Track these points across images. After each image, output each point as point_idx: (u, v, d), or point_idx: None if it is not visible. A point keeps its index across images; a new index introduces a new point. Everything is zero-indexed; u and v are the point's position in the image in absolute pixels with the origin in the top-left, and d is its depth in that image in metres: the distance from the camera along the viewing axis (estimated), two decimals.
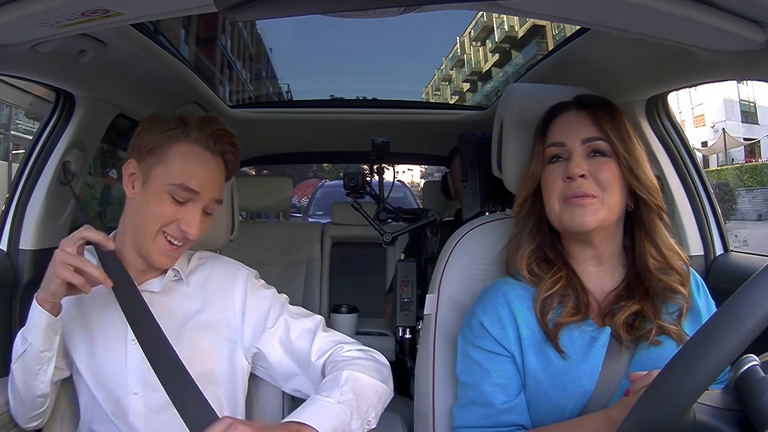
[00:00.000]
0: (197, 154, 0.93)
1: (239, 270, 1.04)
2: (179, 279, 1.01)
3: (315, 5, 0.77)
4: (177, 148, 0.92)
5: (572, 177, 0.84)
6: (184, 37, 2.94)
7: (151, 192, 0.92)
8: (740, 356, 0.55)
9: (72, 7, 0.75)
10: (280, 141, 2.55)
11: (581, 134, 0.86)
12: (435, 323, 1.01)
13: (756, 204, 11.61)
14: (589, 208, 0.84)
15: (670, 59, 1.04)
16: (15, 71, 1.08)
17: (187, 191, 0.91)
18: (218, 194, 0.96)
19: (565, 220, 0.85)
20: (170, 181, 0.91)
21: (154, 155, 0.92)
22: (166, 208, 0.91)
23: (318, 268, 2.46)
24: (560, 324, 0.83)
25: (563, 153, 0.87)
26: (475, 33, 9.56)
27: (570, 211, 0.84)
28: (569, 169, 0.85)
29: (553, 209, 0.87)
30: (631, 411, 0.56)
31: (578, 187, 0.84)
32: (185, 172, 0.91)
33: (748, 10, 0.75)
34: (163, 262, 0.95)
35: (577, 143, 0.86)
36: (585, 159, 0.86)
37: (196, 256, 1.06)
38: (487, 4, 0.77)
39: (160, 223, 0.92)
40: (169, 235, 0.92)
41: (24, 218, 1.30)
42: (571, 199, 0.84)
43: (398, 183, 6.58)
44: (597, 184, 0.84)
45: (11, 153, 6.92)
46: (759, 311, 0.50)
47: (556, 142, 0.88)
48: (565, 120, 0.89)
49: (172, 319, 0.97)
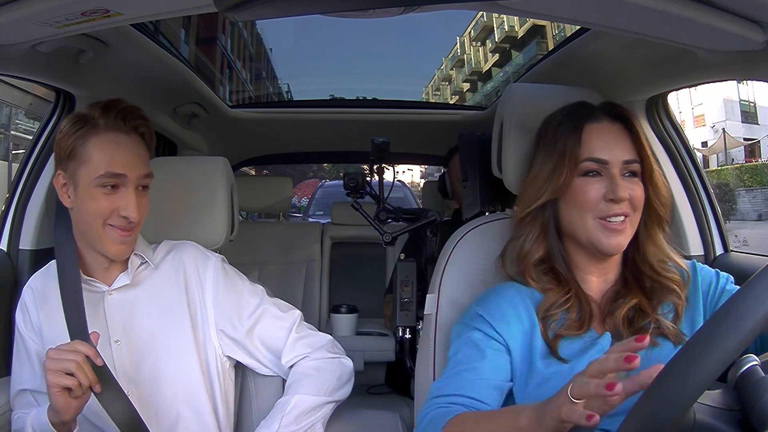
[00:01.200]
0: (111, 140, 0.94)
1: (209, 257, 1.06)
2: (147, 265, 1.02)
3: (315, 5, 0.77)
4: (92, 143, 0.93)
5: (617, 200, 0.83)
6: (184, 37, 2.93)
7: (82, 194, 0.94)
8: (740, 356, 0.56)
9: (72, 7, 0.75)
10: (280, 141, 2.55)
11: (623, 154, 0.85)
12: (435, 323, 1.01)
13: (756, 204, 11.60)
14: (624, 232, 0.84)
15: (670, 59, 1.04)
16: (15, 71, 1.08)
17: (113, 177, 0.93)
18: (145, 169, 0.97)
19: (598, 241, 0.84)
20: (95, 174, 0.93)
21: (74, 158, 0.94)
22: (100, 203, 0.93)
23: (318, 268, 2.46)
24: (560, 336, 0.83)
25: (602, 170, 0.85)
26: (475, 33, 9.56)
27: (606, 234, 0.84)
28: (616, 192, 0.83)
29: (585, 225, 0.85)
30: (632, 411, 0.56)
31: (620, 209, 0.83)
32: (106, 160, 0.93)
33: (748, 10, 0.75)
34: (122, 251, 0.96)
35: (619, 163, 0.85)
36: (623, 178, 0.85)
37: (165, 242, 1.07)
38: (487, 4, 0.77)
39: (102, 219, 0.93)
40: (115, 226, 0.94)
41: (24, 218, 1.30)
42: (610, 223, 0.83)
43: (398, 183, 6.58)
44: (631, 204, 0.84)
45: (11, 153, 6.92)
46: (759, 311, 0.50)
47: (596, 157, 0.85)
48: (602, 132, 0.86)
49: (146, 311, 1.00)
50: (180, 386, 0.99)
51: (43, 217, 1.31)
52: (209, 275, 1.03)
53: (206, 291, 1.02)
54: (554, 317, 0.84)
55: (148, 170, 0.98)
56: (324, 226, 2.60)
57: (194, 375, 1.00)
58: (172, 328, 1.00)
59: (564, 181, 0.86)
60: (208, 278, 1.03)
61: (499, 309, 0.86)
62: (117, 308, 1.00)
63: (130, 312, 1.00)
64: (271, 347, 1.04)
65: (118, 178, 0.93)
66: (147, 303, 1.01)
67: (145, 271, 1.03)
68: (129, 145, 0.96)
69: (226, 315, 1.02)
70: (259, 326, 1.03)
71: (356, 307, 2.10)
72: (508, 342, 0.84)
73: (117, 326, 0.99)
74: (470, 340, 0.85)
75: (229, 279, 1.05)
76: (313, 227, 2.63)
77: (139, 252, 1.01)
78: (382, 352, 2.04)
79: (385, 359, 2.07)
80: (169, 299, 1.01)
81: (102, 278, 1.00)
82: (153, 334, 0.99)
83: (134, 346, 0.98)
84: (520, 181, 0.99)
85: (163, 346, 0.99)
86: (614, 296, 0.87)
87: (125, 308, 1.00)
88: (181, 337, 1.00)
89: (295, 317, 1.06)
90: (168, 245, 1.07)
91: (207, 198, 1.16)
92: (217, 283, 1.03)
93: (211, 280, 1.03)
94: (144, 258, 1.02)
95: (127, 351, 0.98)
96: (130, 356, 0.98)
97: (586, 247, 0.87)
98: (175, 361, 0.99)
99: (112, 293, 1.00)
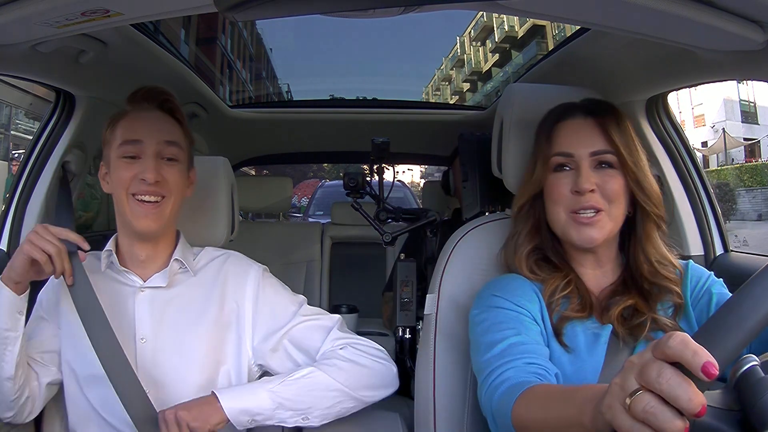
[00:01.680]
0: (134, 117, 0.99)
1: (251, 266, 1.06)
2: (185, 270, 1.02)
3: (315, 5, 0.77)
4: (118, 125, 0.99)
5: (581, 192, 0.83)
6: (184, 37, 2.94)
7: (111, 169, 0.98)
8: (740, 356, 0.55)
9: (72, 7, 0.75)
10: (280, 141, 2.55)
11: (590, 145, 0.85)
12: (435, 323, 1.01)
13: (756, 204, 11.60)
14: (596, 225, 0.84)
15: (670, 59, 1.04)
16: (15, 71, 1.08)
17: (130, 144, 0.96)
18: (167, 136, 0.98)
19: (570, 235, 0.85)
20: (116, 146, 0.96)
21: (107, 143, 1.00)
22: (121, 173, 0.96)
23: (318, 268, 2.46)
24: (566, 318, 0.84)
25: (570, 163, 0.86)
26: (475, 33, 9.55)
27: (577, 228, 0.84)
28: (578, 183, 0.84)
29: (558, 219, 0.86)
30: None
31: (587, 201, 0.83)
32: (125, 131, 0.97)
33: (748, 10, 0.75)
34: (149, 226, 0.96)
35: (586, 155, 0.85)
36: (592, 170, 0.85)
37: (208, 249, 1.07)
38: (487, 4, 0.77)
39: (124, 188, 0.95)
40: (137, 194, 0.95)
41: (24, 218, 1.30)
42: (579, 216, 0.84)
43: (398, 183, 6.58)
44: (604, 196, 0.84)
45: (11, 153, 6.92)
46: (759, 311, 0.50)
47: (562, 152, 0.87)
48: (573, 127, 0.88)
49: (178, 314, 0.99)
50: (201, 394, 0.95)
51: (43, 217, 1.31)
52: (250, 283, 1.03)
53: (246, 299, 1.01)
54: (557, 303, 0.85)
55: (170, 137, 0.98)
56: (324, 226, 2.60)
57: (219, 383, 0.98)
58: (202, 335, 0.98)
59: (539, 178, 0.89)
60: (248, 287, 1.02)
61: (513, 290, 0.86)
62: (147, 306, 0.99)
63: (160, 312, 0.99)
64: (309, 349, 1.00)
65: (135, 145, 0.96)
66: (179, 307, 0.99)
67: (182, 275, 1.02)
68: (149, 117, 0.99)
69: (264, 322, 1.01)
70: (297, 330, 1.01)
71: (356, 307, 2.10)
72: (534, 315, 0.84)
73: (145, 324, 0.98)
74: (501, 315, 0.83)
75: (270, 287, 1.05)
76: (313, 227, 2.63)
77: (179, 257, 1.01)
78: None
79: None
80: (202, 306, 1.00)
81: (138, 272, 1.00)
82: (181, 340, 0.98)
83: (159, 347, 0.97)
84: (519, 181, 0.99)
85: (189, 353, 0.97)
86: (611, 294, 0.88)
87: (156, 308, 0.99)
88: (209, 346, 0.98)
89: (335, 320, 1.04)
90: (211, 253, 1.07)
91: (207, 198, 1.16)
92: (257, 292, 1.02)
93: (252, 288, 1.02)
94: (183, 264, 1.02)
95: (151, 351, 0.97)
96: (153, 356, 0.97)
97: (572, 245, 0.88)
98: (198, 369, 0.97)
99: (144, 290, 1.00)
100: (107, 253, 1.00)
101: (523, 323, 0.82)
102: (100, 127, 1.45)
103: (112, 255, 1.00)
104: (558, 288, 0.86)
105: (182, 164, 1.00)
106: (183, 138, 1.01)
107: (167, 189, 0.96)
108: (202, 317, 0.99)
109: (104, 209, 1.89)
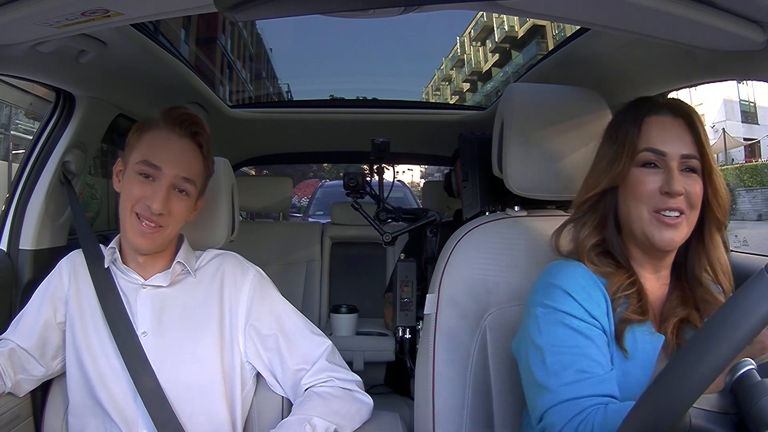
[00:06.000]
0: (163, 136, 1.00)
1: (249, 267, 1.08)
2: (187, 273, 1.05)
3: (315, 5, 0.77)
4: (146, 135, 1.00)
5: (672, 194, 0.82)
6: (184, 37, 2.94)
7: (126, 177, 1.00)
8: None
9: (72, 7, 0.75)
10: (280, 141, 2.55)
11: (682, 148, 0.84)
12: (435, 323, 1.01)
13: (756, 204, 11.59)
14: (678, 228, 0.83)
15: (670, 59, 1.04)
16: (15, 71, 1.08)
17: (150, 166, 0.97)
18: (185, 172, 0.99)
19: (651, 234, 0.83)
20: (137, 160, 0.98)
21: (130, 147, 1.01)
22: (134, 187, 0.98)
23: (318, 268, 2.46)
24: (627, 320, 0.82)
25: (659, 162, 0.84)
26: (475, 33, 9.55)
27: (659, 228, 0.83)
28: (671, 185, 0.82)
29: (640, 217, 0.84)
30: (627, 416, 0.56)
31: (675, 203, 0.82)
32: (149, 149, 0.98)
33: (748, 10, 0.75)
34: (142, 244, 0.99)
35: (677, 156, 0.83)
36: (680, 173, 0.83)
37: (209, 251, 1.10)
38: (487, 4, 0.77)
39: (131, 202, 0.97)
40: (141, 215, 0.97)
41: (24, 218, 1.30)
42: (664, 216, 0.82)
43: (398, 183, 6.58)
44: (687, 201, 0.83)
45: (11, 153, 6.91)
46: (753, 318, 0.50)
47: (654, 148, 0.84)
48: (663, 125, 0.86)
49: (177, 312, 1.02)
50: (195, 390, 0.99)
51: (43, 217, 1.31)
52: (247, 283, 1.05)
53: (241, 297, 1.03)
54: (619, 301, 0.83)
55: (188, 174, 1.00)
56: (324, 226, 2.60)
57: (215, 381, 1.00)
58: (200, 332, 1.01)
59: (621, 171, 0.85)
60: (245, 286, 1.04)
61: (582, 288, 0.83)
62: (147, 302, 1.02)
63: (159, 308, 1.02)
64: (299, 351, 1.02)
65: (154, 170, 0.97)
66: (178, 304, 1.02)
67: (183, 276, 1.05)
68: (176, 144, 1.00)
69: (258, 318, 1.03)
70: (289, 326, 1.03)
71: (356, 307, 2.10)
72: (603, 325, 0.82)
73: (145, 319, 1.01)
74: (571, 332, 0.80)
75: (266, 288, 1.07)
76: (313, 227, 2.63)
77: (182, 260, 1.04)
78: (381, 352, 2.04)
79: (384, 359, 2.07)
80: (201, 304, 1.03)
81: (138, 271, 1.03)
82: (179, 337, 1.00)
83: (158, 341, 1.00)
84: (520, 181, 0.98)
85: (187, 349, 1.00)
86: (669, 305, 0.86)
87: (156, 303, 1.02)
88: (206, 343, 1.01)
89: (328, 344, 1.04)
90: (211, 254, 1.10)
91: (207, 198, 1.16)
92: (253, 291, 1.04)
93: (248, 287, 1.04)
94: (186, 266, 1.04)
95: (151, 344, 1.00)
96: (154, 350, 1.00)
97: (641, 241, 0.86)
98: (196, 365, 0.99)
99: (146, 287, 1.03)
100: (111, 250, 1.03)
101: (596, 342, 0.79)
102: (100, 127, 1.46)
103: (116, 252, 1.03)
104: (621, 286, 0.84)
105: (192, 198, 1.03)
106: (201, 173, 1.03)
107: (169, 220, 0.99)
108: (199, 314, 1.02)
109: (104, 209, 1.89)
